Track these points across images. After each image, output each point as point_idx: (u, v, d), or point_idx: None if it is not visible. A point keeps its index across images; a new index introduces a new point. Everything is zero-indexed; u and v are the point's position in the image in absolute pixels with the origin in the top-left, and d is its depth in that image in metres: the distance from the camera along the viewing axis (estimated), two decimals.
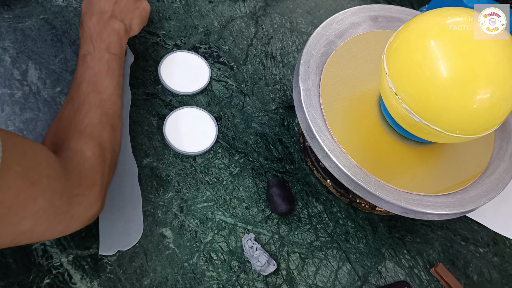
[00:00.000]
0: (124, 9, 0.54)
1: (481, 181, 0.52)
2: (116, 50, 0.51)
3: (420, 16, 0.45)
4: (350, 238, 0.56)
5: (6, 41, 0.58)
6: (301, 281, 0.52)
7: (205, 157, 0.57)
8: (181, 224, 0.53)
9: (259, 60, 0.66)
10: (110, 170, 0.46)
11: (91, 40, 0.50)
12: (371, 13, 0.59)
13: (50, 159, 0.38)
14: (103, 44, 0.50)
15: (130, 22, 0.55)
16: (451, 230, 0.60)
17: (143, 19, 0.57)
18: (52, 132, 0.46)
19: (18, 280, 0.46)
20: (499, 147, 0.55)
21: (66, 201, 0.38)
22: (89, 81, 0.47)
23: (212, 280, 0.50)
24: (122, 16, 0.53)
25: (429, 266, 0.57)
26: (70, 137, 0.44)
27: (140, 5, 0.57)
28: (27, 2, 0.61)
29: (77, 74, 0.49)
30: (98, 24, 0.51)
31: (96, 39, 0.50)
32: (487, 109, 0.42)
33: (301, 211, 0.56)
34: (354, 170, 0.48)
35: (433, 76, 0.41)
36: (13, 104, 0.55)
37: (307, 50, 0.53)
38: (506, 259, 0.59)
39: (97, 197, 0.42)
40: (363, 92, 0.55)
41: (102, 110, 0.47)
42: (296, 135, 0.61)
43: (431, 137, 0.46)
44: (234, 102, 0.62)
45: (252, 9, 0.70)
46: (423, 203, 0.48)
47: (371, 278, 0.54)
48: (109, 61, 0.49)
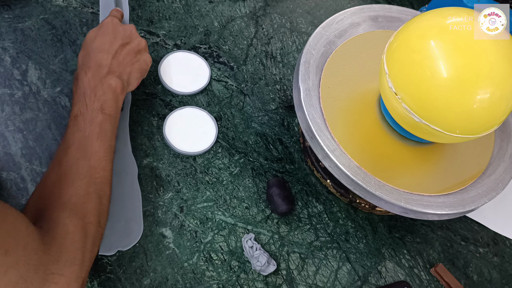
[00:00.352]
0: (123, 63, 0.51)
1: (481, 181, 0.52)
2: (110, 110, 0.47)
3: (420, 16, 0.45)
4: (350, 238, 0.56)
5: (6, 41, 0.58)
6: (301, 281, 0.52)
7: (205, 157, 0.57)
8: (181, 224, 0.53)
9: (259, 60, 0.66)
10: (94, 246, 0.42)
11: (85, 97, 0.47)
12: (371, 13, 0.59)
13: (30, 228, 0.35)
14: (97, 103, 0.47)
15: (128, 77, 0.52)
16: (451, 230, 0.60)
17: (143, 72, 0.54)
18: (36, 196, 0.44)
19: None
20: (499, 147, 0.55)
21: (40, 277, 0.35)
22: (78, 145, 0.44)
23: (212, 280, 0.50)
24: (120, 71, 0.50)
25: (429, 266, 0.57)
26: (53, 207, 0.41)
27: (140, 58, 0.53)
28: (27, 2, 0.61)
29: (67, 136, 0.46)
30: (93, 79, 0.48)
31: (90, 97, 0.47)
32: (487, 109, 0.42)
33: (301, 211, 0.56)
34: (354, 170, 0.48)
35: (433, 76, 0.41)
36: (13, 104, 0.55)
37: (307, 50, 0.53)
38: (506, 259, 0.59)
39: (76, 278, 0.38)
40: (363, 92, 0.55)
41: (89, 179, 0.43)
42: (296, 135, 0.61)
43: (431, 137, 0.46)
44: (234, 102, 0.62)
45: (252, 9, 0.70)
46: (423, 203, 0.48)
47: (371, 278, 0.54)
48: (101, 123, 0.46)
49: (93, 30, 0.53)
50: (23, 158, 0.52)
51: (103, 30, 0.52)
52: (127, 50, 0.52)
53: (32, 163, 0.52)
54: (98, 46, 0.50)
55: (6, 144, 0.52)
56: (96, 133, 0.45)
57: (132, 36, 0.53)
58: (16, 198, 0.50)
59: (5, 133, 0.53)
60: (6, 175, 0.51)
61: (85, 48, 0.51)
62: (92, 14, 0.62)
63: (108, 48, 0.50)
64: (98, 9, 0.63)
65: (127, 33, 0.53)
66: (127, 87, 0.52)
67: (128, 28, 0.54)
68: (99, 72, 0.48)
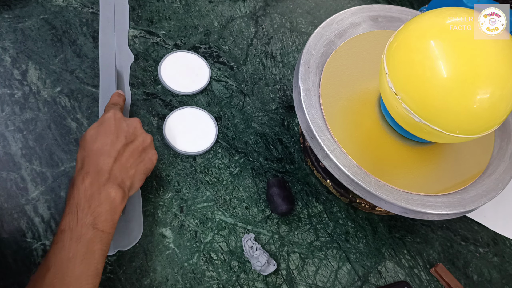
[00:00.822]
0: (126, 166, 0.46)
1: (481, 181, 0.52)
2: (104, 225, 0.42)
3: (420, 16, 0.45)
4: (350, 238, 0.56)
5: (6, 41, 0.58)
6: (301, 281, 0.52)
7: (205, 157, 0.57)
8: (181, 224, 0.53)
9: (259, 60, 0.66)
10: None
11: (77, 209, 0.41)
12: (371, 13, 0.59)
13: None
14: (90, 216, 0.41)
15: (131, 182, 0.46)
16: (451, 230, 0.60)
17: (148, 172, 0.49)
18: None
19: (18, 280, 0.46)
20: (499, 147, 0.55)
21: None
22: (58, 268, 0.39)
23: (212, 280, 0.50)
24: (123, 176, 0.45)
25: (429, 266, 0.57)
26: None
27: (145, 157, 0.48)
28: (27, 2, 0.61)
29: (48, 255, 0.40)
30: (91, 187, 0.42)
31: (83, 208, 0.41)
32: (487, 109, 0.42)
33: (301, 211, 0.56)
34: (354, 170, 0.48)
35: (433, 76, 0.41)
36: (13, 104, 0.55)
37: (307, 50, 0.53)
38: (506, 259, 0.59)
39: None
40: (363, 92, 0.55)
41: None
42: (296, 135, 0.61)
43: (431, 137, 0.46)
44: (234, 102, 0.62)
45: (252, 9, 0.70)
46: (423, 203, 0.48)
47: (371, 278, 0.54)
48: (90, 242, 0.40)
49: (94, 126, 0.47)
50: (23, 158, 0.52)
51: (104, 128, 0.47)
52: (131, 150, 0.47)
53: (32, 163, 0.52)
54: (98, 148, 0.45)
55: (6, 144, 0.52)
56: (81, 255, 0.40)
57: (136, 133, 0.48)
58: (16, 198, 0.50)
59: (5, 133, 0.53)
60: (6, 175, 0.51)
61: (84, 149, 0.46)
62: (92, 14, 0.62)
63: (110, 150, 0.45)
64: (98, 9, 0.63)
65: (131, 130, 0.48)
66: (129, 192, 0.46)
67: (132, 123, 0.49)
68: (98, 179, 0.43)
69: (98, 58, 0.59)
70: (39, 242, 0.48)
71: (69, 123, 0.55)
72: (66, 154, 0.53)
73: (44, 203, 0.50)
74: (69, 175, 0.52)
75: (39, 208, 0.50)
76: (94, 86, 0.58)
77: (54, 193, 0.51)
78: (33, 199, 0.50)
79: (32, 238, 0.48)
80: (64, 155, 0.53)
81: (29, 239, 0.48)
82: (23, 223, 0.49)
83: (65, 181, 0.52)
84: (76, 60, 0.59)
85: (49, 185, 0.51)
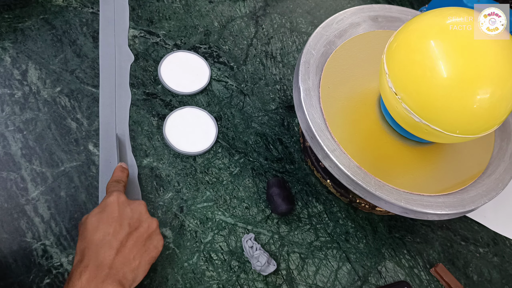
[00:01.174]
0: (129, 258, 0.42)
1: (481, 181, 0.52)
2: None
3: (420, 16, 0.45)
4: (350, 238, 0.56)
5: (6, 41, 0.58)
6: (301, 281, 0.52)
7: (205, 157, 0.57)
8: (181, 224, 0.53)
9: (259, 60, 0.66)
10: None
11: None
12: (371, 13, 0.59)
13: None
14: None
15: (134, 275, 0.42)
16: (451, 230, 0.60)
17: (152, 260, 0.45)
18: None
19: (18, 280, 0.46)
20: (499, 147, 0.55)
21: None
22: None
23: (212, 280, 0.50)
24: (124, 270, 0.41)
25: (429, 266, 0.57)
26: None
27: (150, 245, 0.44)
28: (27, 2, 0.61)
29: None
30: (87, 284, 0.39)
31: None
32: (487, 109, 0.42)
33: (301, 211, 0.56)
34: (354, 170, 0.48)
35: (433, 76, 0.41)
36: (13, 104, 0.55)
37: (307, 50, 0.53)
38: (506, 259, 0.59)
39: None
40: (363, 92, 0.55)
41: None
42: (296, 135, 0.61)
43: (431, 137, 0.46)
44: (234, 102, 0.62)
45: (252, 9, 0.70)
46: (423, 203, 0.48)
47: (371, 278, 0.54)
48: None
49: (95, 212, 0.44)
50: (23, 158, 0.52)
51: (107, 214, 0.43)
52: (135, 239, 0.43)
53: (32, 163, 0.52)
54: (99, 238, 0.41)
55: (6, 144, 0.52)
56: None
57: (141, 219, 0.45)
58: (16, 198, 0.50)
59: (5, 133, 0.53)
60: (6, 175, 0.51)
61: (84, 239, 0.42)
62: (92, 14, 0.62)
63: (112, 241, 0.41)
64: (98, 9, 0.63)
65: (136, 216, 0.44)
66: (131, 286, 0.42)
67: (137, 208, 0.45)
68: (97, 275, 0.39)
69: (98, 58, 0.59)
70: (39, 242, 0.48)
71: (69, 123, 0.55)
72: (66, 154, 0.53)
73: (44, 203, 0.50)
74: (69, 175, 0.52)
75: (39, 208, 0.50)
76: (94, 86, 0.58)
77: (54, 193, 0.51)
78: (33, 199, 0.50)
79: (32, 238, 0.48)
80: (64, 155, 0.53)
81: (29, 239, 0.48)
82: (23, 223, 0.49)
83: (65, 181, 0.52)
84: (76, 60, 0.59)
85: (49, 185, 0.51)
